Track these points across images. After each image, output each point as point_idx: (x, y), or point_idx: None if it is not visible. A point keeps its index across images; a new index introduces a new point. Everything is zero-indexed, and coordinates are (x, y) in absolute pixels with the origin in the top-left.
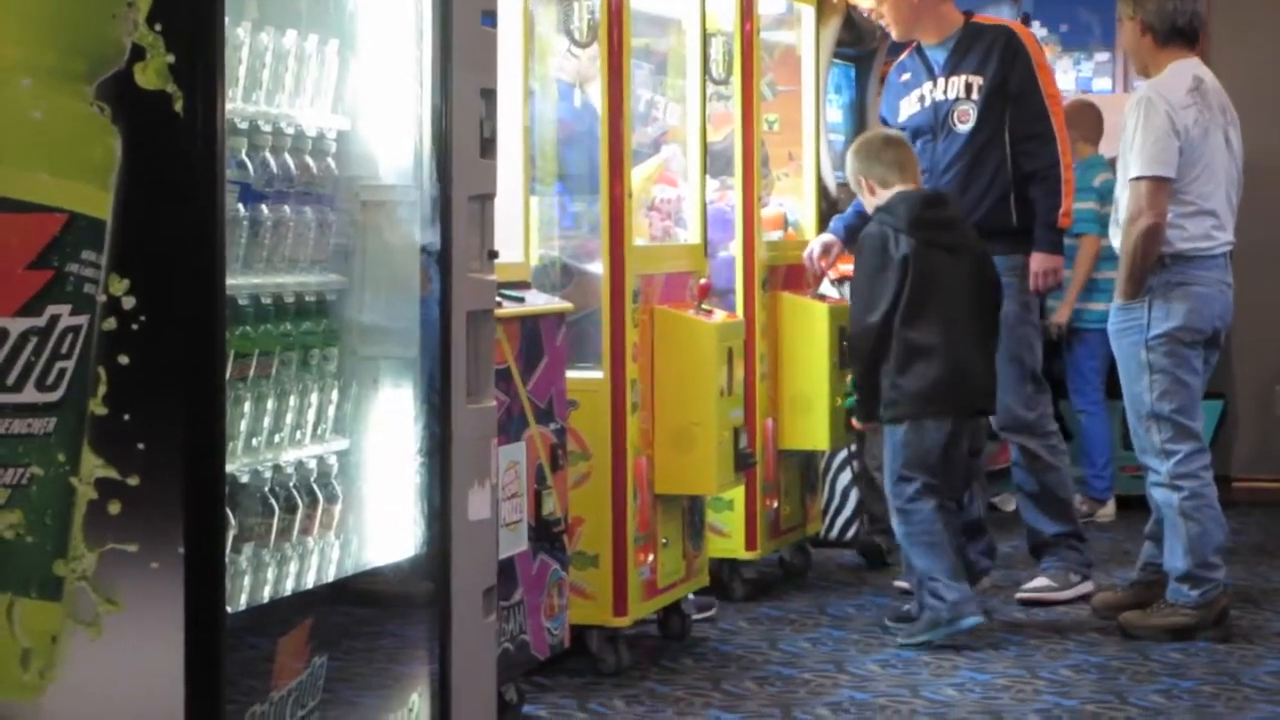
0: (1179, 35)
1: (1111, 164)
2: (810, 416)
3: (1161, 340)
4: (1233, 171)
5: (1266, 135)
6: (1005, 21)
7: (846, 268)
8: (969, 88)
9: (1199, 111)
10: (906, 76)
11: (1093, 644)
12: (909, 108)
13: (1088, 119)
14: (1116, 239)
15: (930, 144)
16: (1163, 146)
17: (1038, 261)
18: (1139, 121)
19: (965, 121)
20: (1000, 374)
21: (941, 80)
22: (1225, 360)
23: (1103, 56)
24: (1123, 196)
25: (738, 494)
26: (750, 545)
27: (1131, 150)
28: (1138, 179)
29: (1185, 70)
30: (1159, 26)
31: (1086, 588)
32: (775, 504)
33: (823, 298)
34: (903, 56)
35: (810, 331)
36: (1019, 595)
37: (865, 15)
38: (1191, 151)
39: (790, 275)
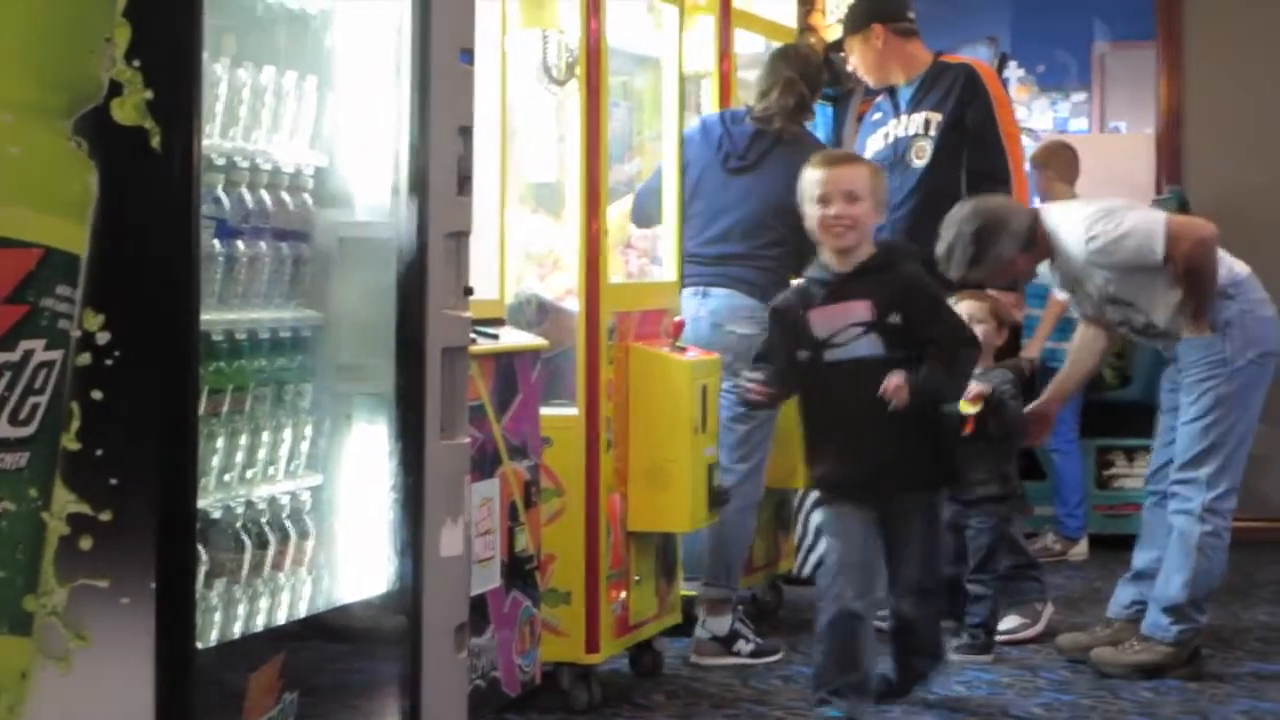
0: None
1: None
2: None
3: (1245, 370)
4: None
5: (1238, 173)
6: (967, 60)
7: None
8: (927, 124)
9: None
10: (878, 116)
11: (1063, 682)
12: (874, 145)
13: (1063, 159)
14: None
15: (890, 179)
16: (1136, 219)
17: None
18: (1121, 216)
19: (921, 157)
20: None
21: (904, 117)
22: None
23: (1079, 97)
24: (1151, 306)
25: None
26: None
27: (1132, 242)
28: (1162, 231)
29: (1068, 204)
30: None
31: (1050, 610)
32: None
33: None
34: (880, 97)
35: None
36: (996, 639)
37: (841, 58)
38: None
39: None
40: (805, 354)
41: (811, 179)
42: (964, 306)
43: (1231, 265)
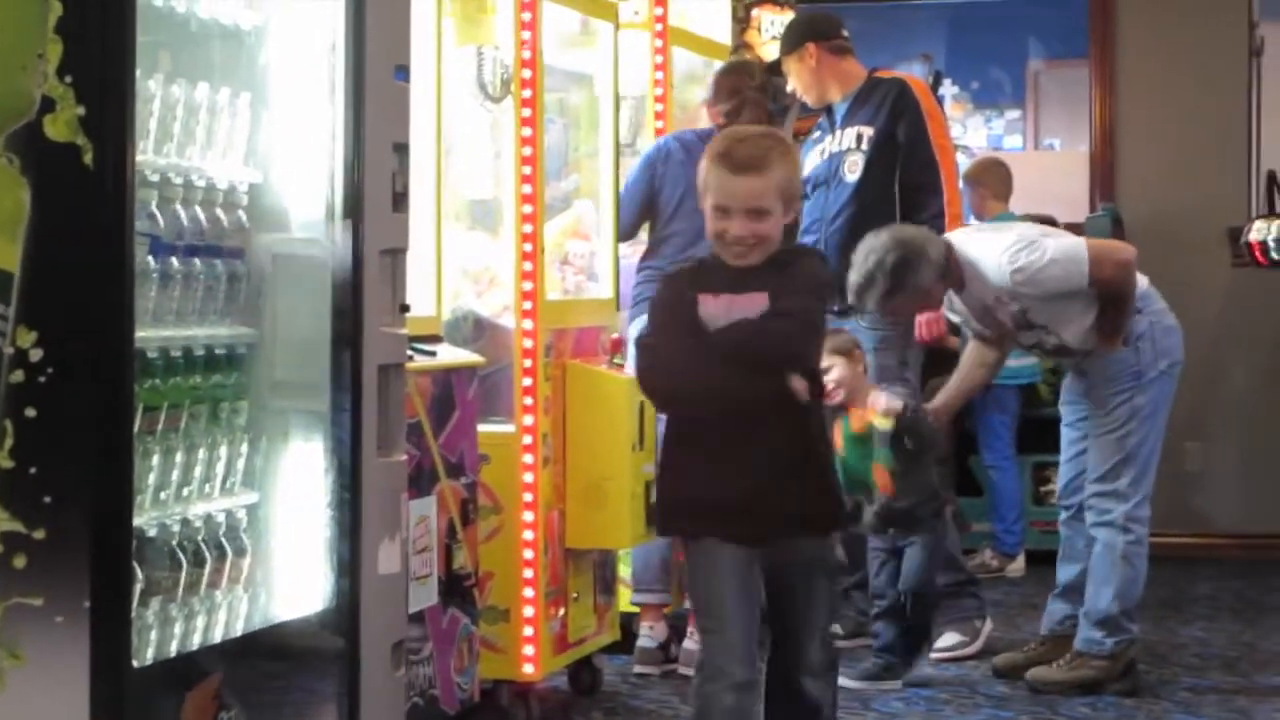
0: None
1: (1022, 220)
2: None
3: (1156, 382)
4: None
5: (1172, 190)
6: (900, 74)
7: None
8: (860, 138)
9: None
10: (817, 133)
11: (1002, 698)
12: (812, 161)
13: (997, 176)
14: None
15: (824, 194)
16: (1058, 246)
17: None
18: (1039, 266)
19: (854, 171)
20: None
21: (838, 132)
22: None
23: (1013, 114)
24: (1070, 334)
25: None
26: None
27: (1063, 279)
28: (1083, 256)
29: (966, 232)
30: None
31: (989, 626)
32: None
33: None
34: (821, 117)
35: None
36: (934, 656)
37: (777, 80)
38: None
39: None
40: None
41: (712, 182)
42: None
43: (1144, 282)
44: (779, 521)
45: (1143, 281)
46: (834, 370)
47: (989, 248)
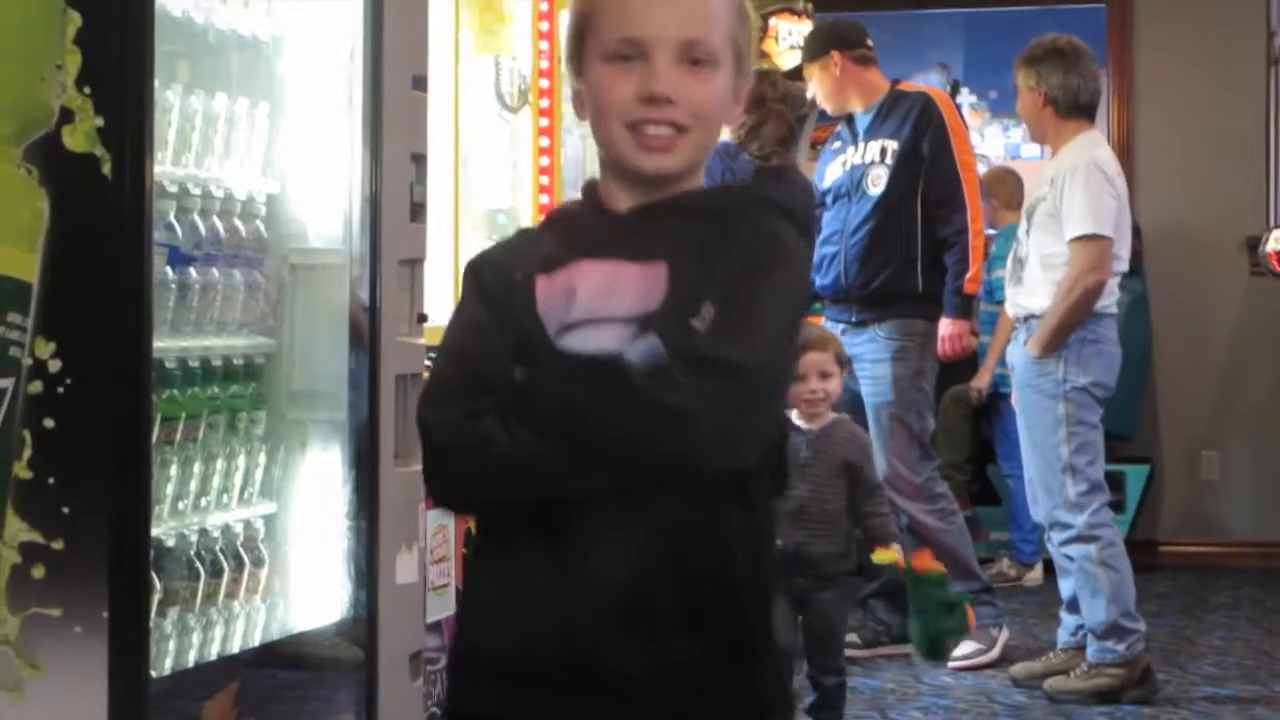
0: (1081, 110)
1: None
2: None
3: (1078, 393)
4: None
5: (1190, 199)
6: (924, 88)
7: None
8: (883, 152)
9: (1122, 181)
10: (837, 144)
11: (1020, 708)
12: (833, 173)
13: (1008, 186)
14: (1021, 296)
15: (845, 206)
16: (1109, 208)
17: (944, 326)
18: (1084, 185)
19: (877, 185)
20: (890, 435)
21: (861, 145)
22: (1152, 425)
23: None
24: (1036, 256)
25: None
26: None
27: (1072, 212)
28: (1087, 238)
29: (1102, 141)
30: (1062, 100)
31: (1005, 634)
32: None
33: None
34: (839, 126)
35: None
36: (952, 665)
37: (796, 85)
38: (1120, 215)
39: None
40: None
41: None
42: (810, 359)
43: (1109, 303)
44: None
45: (1109, 308)
46: (832, 382)
47: (1088, 149)
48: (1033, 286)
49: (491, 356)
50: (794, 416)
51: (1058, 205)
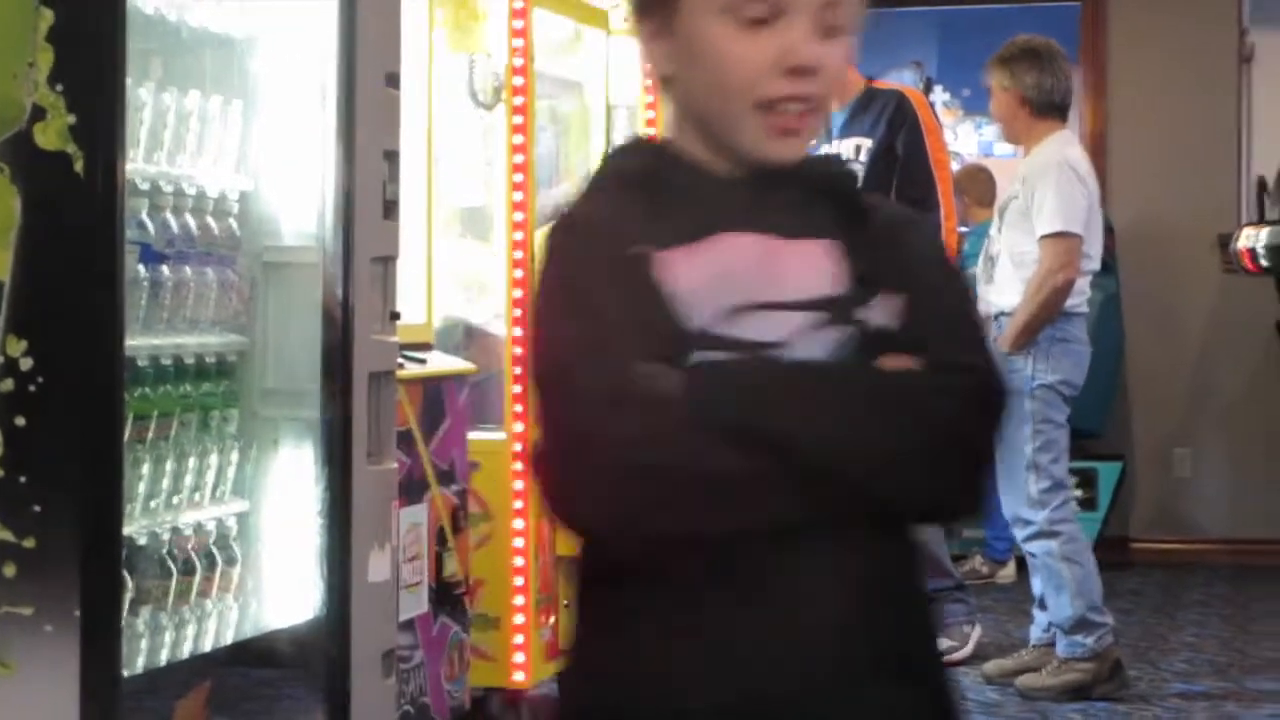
0: (1055, 109)
1: None
2: None
3: (1045, 391)
4: (1100, 237)
5: (1162, 197)
6: (899, 86)
7: None
8: (857, 150)
9: (1093, 180)
10: (813, 142)
11: (994, 705)
12: None
13: (981, 184)
14: (992, 293)
15: None
16: (1079, 207)
17: None
18: (1055, 183)
19: None
20: None
21: (835, 142)
22: (1125, 422)
23: None
24: (1008, 253)
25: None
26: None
27: (1043, 210)
28: (1057, 235)
29: (1074, 140)
30: (1036, 100)
31: (978, 632)
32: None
33: None
34: None
35: None
36: None
37: None
38: (1090, 214)
39: None
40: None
41: None
42: None
43: (1078, 302)
44: None
45: (1079, 308)
46: None
47: (1060, 148)
48: (1003, 284)
49: (658, 345)
50: None
51: (1029, 203)
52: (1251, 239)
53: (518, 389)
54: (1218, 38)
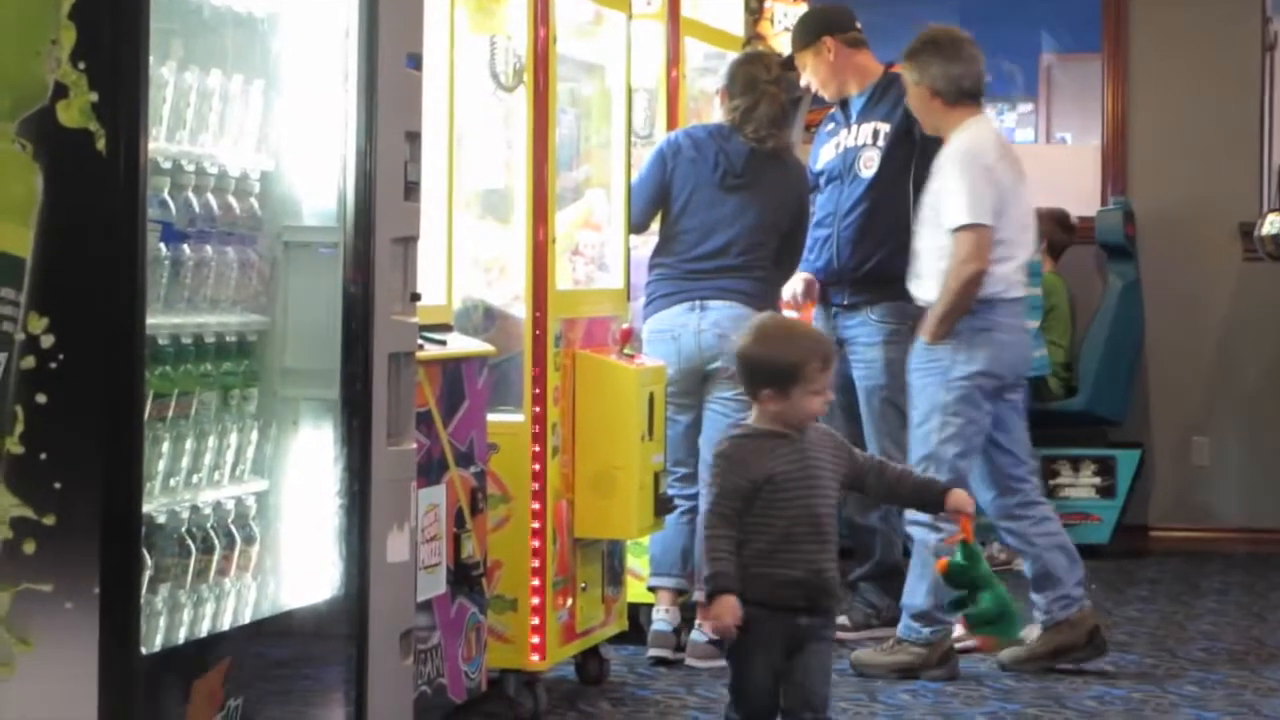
0: (966, 95)
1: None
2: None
3: (960, 383)
4: (1032, 219)
5: (1184, 184)
6: None
7: None
8: (876, 134)
9: (1007, 164)
10: (830, 126)
11: (1009, 691)
12: (826, 155)
13: None
14: (918, 287)
15: (838, 188)
16: (986, 196)
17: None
18: (959, 175)
19: (869, 167)
20: (881, 418)
21: (854, 127)
22: (1144, 410)
23: (1025, 108)
24: (927, 247)
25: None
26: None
27: (949, 203)
28: (964, 228)
29: (987, 126)
30: (945, 90)
31: None
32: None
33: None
34: (834, 109)
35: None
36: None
37: (792, 75)
38: (1001, 201)
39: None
40: None
41: None
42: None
43: (993, 284)
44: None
45: (1010, 293)
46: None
47: (974, 139)
48: (926, 277)
49: None
50: (776, 424)
51: (938, 197)
52: (1275, 226)
53: (537, 371)
54: (1241, 25)
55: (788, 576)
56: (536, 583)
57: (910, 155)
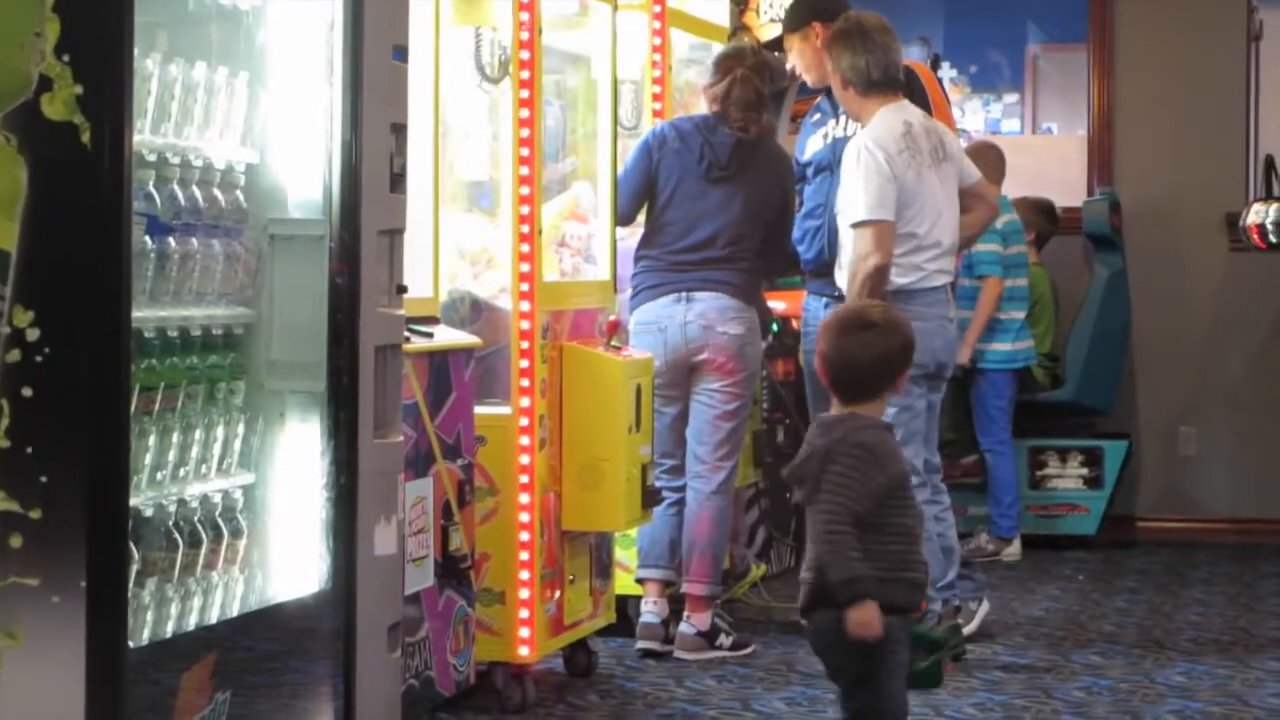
0: (877, 85)
1: (1014, 205)
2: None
3: None
4: (951, 206)
5: (1170, 174)
6: (906, 61)
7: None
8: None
9: (911, 155)
10: (817, 117)
11: (997, 682)
12: (814, 145)
13: (989, 160)
14: (840, 279)
15: (828, 179)
16: (883, 191)
17: None
18: (856, 170)
19: None
20: None
21: (842, 117)
22: (1131, 400)
23: (1011, 98)
24: (844, 242)
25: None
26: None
27: (850, 198)
28: (862, 224)
29: (893, 117)
30: (855, 80)
31: (985, 608)
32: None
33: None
34: (819, 98)
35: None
36: None
37: (777, 56)
38: (906, 193)
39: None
40: None
41: None
42: None
43: (905, 274)
44: None
45: (925, 281)
46: None
47: (883, 125)
48: (845, 268)
49: None
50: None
51: (847, 192)
52: (1261, 215)
53: (524, 363)
54: (1226, 15)
55: (918, 580)
56: (524, 575)
57: None
